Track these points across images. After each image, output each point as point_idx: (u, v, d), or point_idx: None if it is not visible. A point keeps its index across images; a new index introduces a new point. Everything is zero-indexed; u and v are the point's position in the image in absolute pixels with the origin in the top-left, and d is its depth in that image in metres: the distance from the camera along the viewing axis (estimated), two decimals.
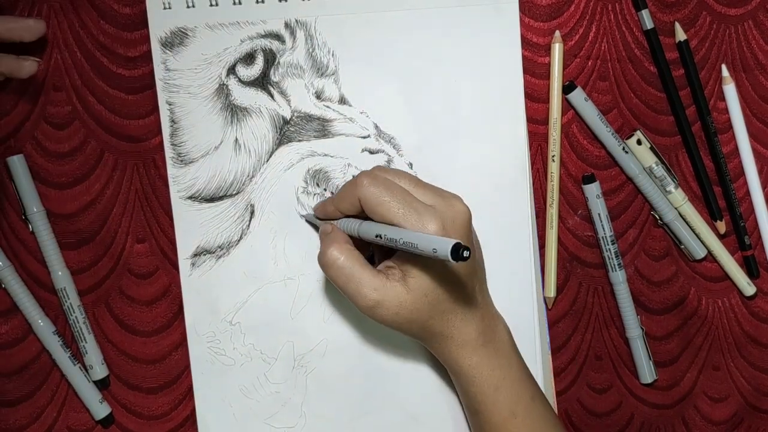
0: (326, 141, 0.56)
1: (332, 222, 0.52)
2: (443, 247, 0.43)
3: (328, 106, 0.56)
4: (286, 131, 0.56)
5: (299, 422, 0.57)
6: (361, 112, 0.57)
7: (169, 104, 0.56)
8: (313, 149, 0.56)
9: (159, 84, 0.55)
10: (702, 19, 0.58)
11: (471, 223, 0.50)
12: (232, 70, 0.56)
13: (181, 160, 0.56)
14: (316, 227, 0.56)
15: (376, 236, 0.48)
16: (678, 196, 0.58)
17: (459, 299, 0.50)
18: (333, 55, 0.56)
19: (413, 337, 0.52)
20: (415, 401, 0.58)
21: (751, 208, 0.60)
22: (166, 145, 0.56)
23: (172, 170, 0.56)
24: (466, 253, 0.42)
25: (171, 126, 0.56)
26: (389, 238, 0.47)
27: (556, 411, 0.59)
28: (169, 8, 0.55)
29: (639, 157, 0.58)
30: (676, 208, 0.58)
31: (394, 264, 0.50)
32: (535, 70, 0.58)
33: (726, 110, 0.59)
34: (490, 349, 0.51)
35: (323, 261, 0.50)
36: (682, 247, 0.59)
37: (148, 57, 0.56)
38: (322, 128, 0.56)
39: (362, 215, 0.51)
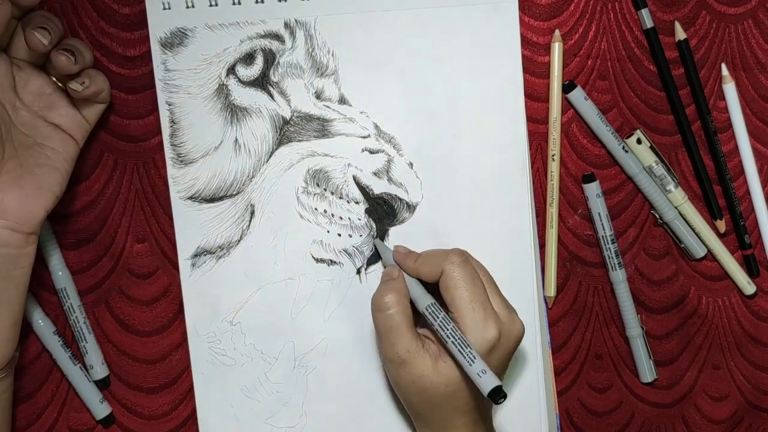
0: (326, 141, 0.56)
1: (401, 270, 0.53)
2: (486, 382, 0.45)
3: (327, 106, 0.56)
4: (286, 131, 0.56)
5: (300, 422, 0.57)
6: (361, 112, 0.57)
7: (169, 104, 0.56)
8: (313, 149, 0.56)
9: (159, 84, 0.55)
10: (702, 18, 0.58)
11: (520, 344, 0.52)
12: (231, 71, 0.56)
13: (181, 161, 0.56)
14: (379, 256, 0.56)
15: (436, 321, 0.49)
16: (678, 195, 0.58)
17: (472, 408, 0.50)
18: (333, 54, 0.56)
19: (411, 410, 0.52)
20: None
21: (751, 206, 0.60)
22: (165, 146, 0.56)
23: (172, 170, 0.56)
24: (501, 401, 0.45)
25: (171, 126, 0.56)
26: (447, 329, 0.48)
27: (557, 410, 0.59)
28: (169, 8, 0.55)
29: (639, 156, 0.58)
30: (676, 207, 0.58)
31: (435, 339, 0.51)
32: (534, 70, 0.58)
33: (726, 109, 0.59)
34: None
35: (377, 302, 0.51)
36: (682, 246, 0.59)
37: (147, 57, 0.55)
38: (322, 128, 0.56)
39: (430, 284, 0.52)
